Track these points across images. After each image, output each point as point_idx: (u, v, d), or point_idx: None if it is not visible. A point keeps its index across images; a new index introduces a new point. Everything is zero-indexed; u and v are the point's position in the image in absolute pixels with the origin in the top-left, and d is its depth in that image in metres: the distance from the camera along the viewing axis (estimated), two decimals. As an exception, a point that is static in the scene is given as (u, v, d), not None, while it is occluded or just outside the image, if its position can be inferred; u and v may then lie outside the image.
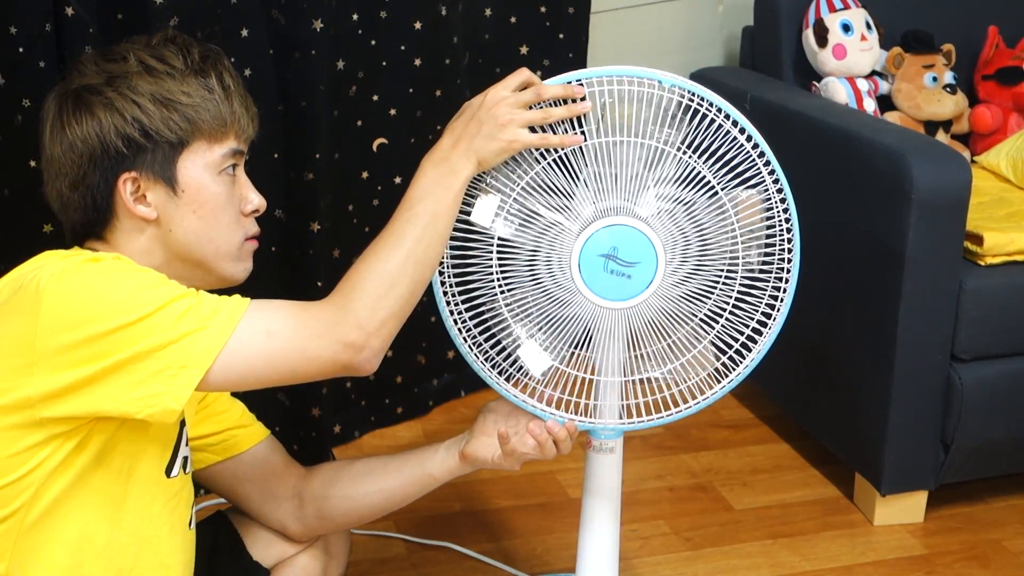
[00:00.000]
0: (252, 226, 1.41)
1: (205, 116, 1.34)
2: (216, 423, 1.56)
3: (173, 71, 1.33)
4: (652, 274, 1.48)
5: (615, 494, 1.68)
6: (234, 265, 1.39)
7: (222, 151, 1.36)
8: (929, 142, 2.16)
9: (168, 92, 1.32)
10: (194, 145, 1.34)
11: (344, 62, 2.23)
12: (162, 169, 1.33)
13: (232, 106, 1.36)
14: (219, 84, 1.36)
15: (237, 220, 1.38)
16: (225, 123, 1.36)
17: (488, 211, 1.46)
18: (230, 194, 1.37)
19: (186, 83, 1.34)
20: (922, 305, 2.04)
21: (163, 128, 1.32)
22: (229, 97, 1.36)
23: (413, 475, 1.59)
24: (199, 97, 1.34)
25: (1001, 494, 2.31)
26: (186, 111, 1.33)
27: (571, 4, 2.59)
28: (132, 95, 1.32)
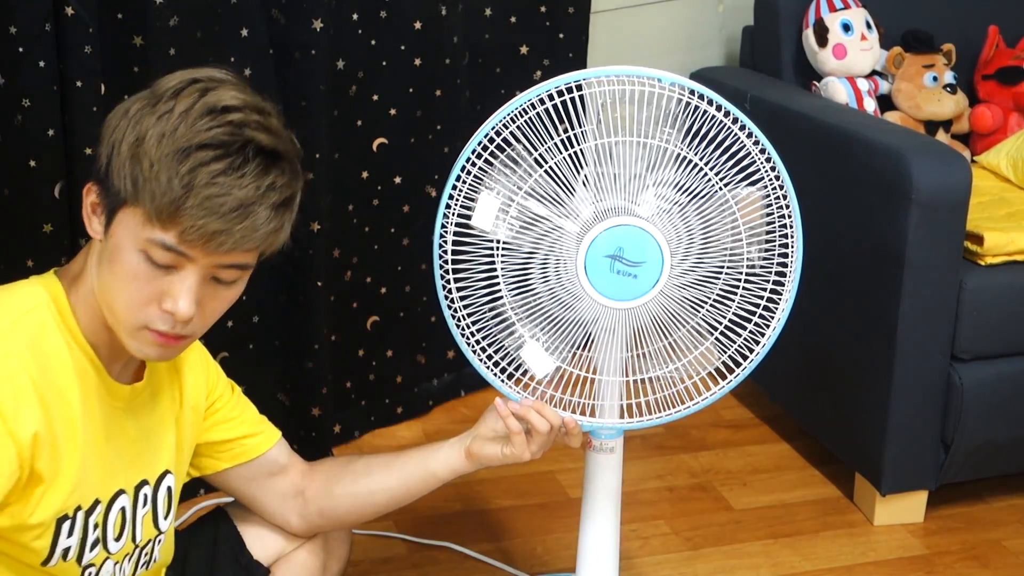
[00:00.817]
0: (160, 321, 1.25)
1: (147, 196, 1.20)
2: (227, 430, 1.53)
3: (170, 134, 1.21)
4: (658, 274, 1.48)
5: (615, 494, 1.68)
6: (126, 338, 1.27)
7: (150, 236, 1.21)
8: (929, 142, 2.16)
9: (144, 147, 1.21)
10: (133, 208, 1.22)
11: (344, 62, 2.23)
12: (108, 204, 1.25)
13: (183, 213, 1.20)
14: (182, 179, 1.19)
15: (144, 303, 1.24)
16: (164, 219, 1.20)
17: (488, 214, 1.46)
18: (145, 277, 1.23)
19: (161, 155, 1.20)
20: (922, 305, 2.04)
21: (116, 174, 1.23)
22: (185, 200, 1.19)
23: (416, 474, 1.58)
24: (156, 173, 1.20)
25: (1001, 494, 2.31)
26: (138, 176, 1.21)
27: (571, 4, 2.59)
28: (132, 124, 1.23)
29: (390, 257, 2.46)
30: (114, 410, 1.34)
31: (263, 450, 1.55)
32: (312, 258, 2.24)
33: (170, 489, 1.44)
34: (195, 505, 2.15)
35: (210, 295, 1.27)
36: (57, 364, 1.26)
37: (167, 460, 1.44)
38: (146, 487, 1.40)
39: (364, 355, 2.49)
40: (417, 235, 2.47)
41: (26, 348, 1.24)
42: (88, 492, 1.32)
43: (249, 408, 1.58)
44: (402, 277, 2.49)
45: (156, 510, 1.42)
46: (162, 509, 1.43)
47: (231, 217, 1.21)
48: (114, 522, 1.36)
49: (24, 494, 1.24)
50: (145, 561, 1.43)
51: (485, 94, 2.49)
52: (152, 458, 1.41)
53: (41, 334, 1.26)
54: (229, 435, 1.53)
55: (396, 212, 2.44)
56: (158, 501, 1.43)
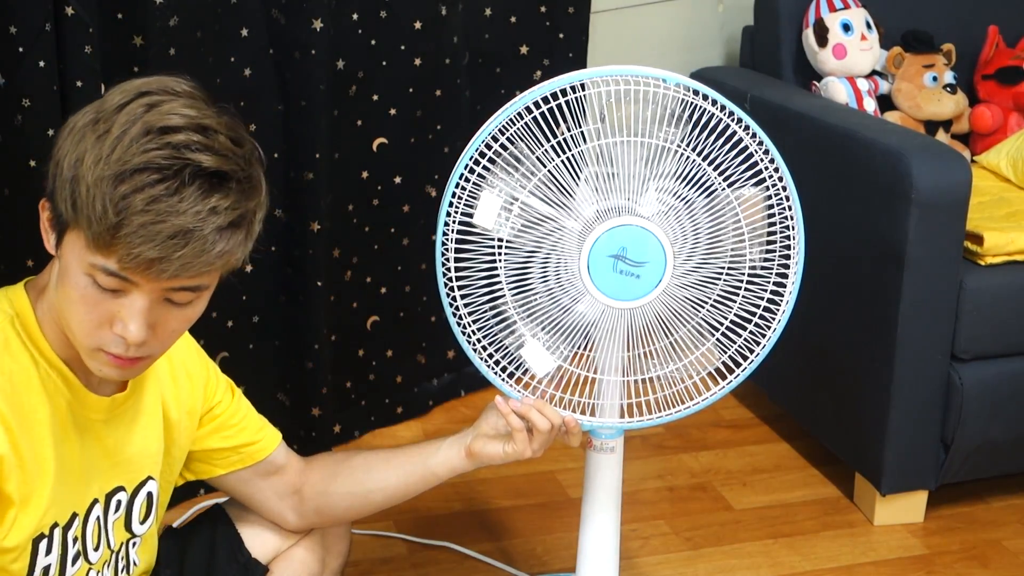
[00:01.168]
0: (113, 344, 1.21)
1: (83, 221, 1.15)
2: (228, 438, 1.52)
3: (108, 155, 1.15)
4: (660, 274, 1.48)
5: (615, 494, 1.68)
6: (88, 360, 1.24)
7: (93, 261, 1.17)
8: (929, 142, 2.16)
9: (83, 169, 1.15)
10: (79, 233, 1.17)
11: (344, 62, 2.23)
12: (58, 223, 1.21)
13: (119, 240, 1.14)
14: (116, 205, 1.14)
15: (95, 327, 1.20)
16: (103, 245, 1.15)
17: (491, 213, 1.46)
18: (94, 299, 1.19)
19: (97, 178, 1.15)
20: (922, 305, 2.04)
21: (58, 192, 1.18)
22: (120, 228, 1.14)
23: (416, 473, 1.58)
24: (92, 198, 1.14)
25: (1001, 494, 2.31)
26: (77, 198, 1.15)
27: (571, 4, 2.59)
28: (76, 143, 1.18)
29: (390, 257, 2.46)
30: (91, 422, 1.32)
31: (262, 456, 1.54)
32: (312, 258, 2.24)
33: (151, 495, 1.43)
34: (194, 505, 2.15)
35: (164, 317, 1.23)
36: (22, 383, 1.23)
37: (151, 467, 1.42)
38: (120, 493, 1.39)
39: (364, 355, 2.49)
40: (417, 235, 2.47)
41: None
42: (65, 507, 1.30)
43: (250, 414, 1.56)
44: (402, 277, 2.49)
45: (131, 515, 1.41)
46: (138, 514, 1.42)
47: (170, 245, 1.15)
48: (92, 532, 1.35)
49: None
50: (123, 567, 1.42)
51: (485, 94, 2.49)
52: (134, 466, 1.39)
53: (4, 351, 1.23)
54: (228, 443, 1.52)
55: (396, 212, 2.44)
56: (134, 507, 1.41)
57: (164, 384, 1.43)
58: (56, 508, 1.28)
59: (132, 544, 1.43)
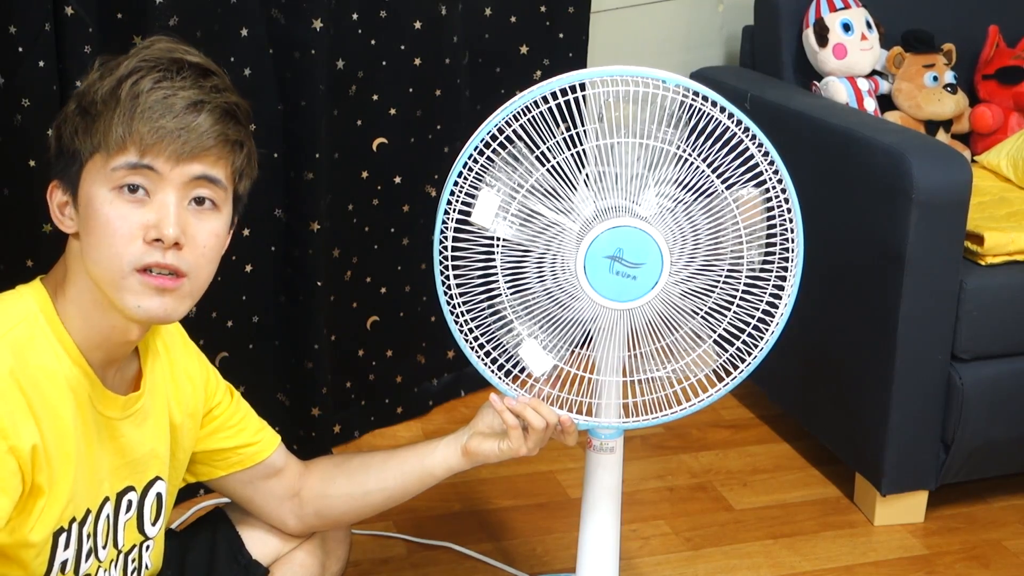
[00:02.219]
0: (144, 254, 1.23)
1: (101, 126, 1.23)
2: (226, 439, 1.52)
3: (104, 80, 1.25)
4: (657, 275, 1.48)
5: (615, 494, 1.68)
6: (121, 296, 1.24)
7: (114, 164, 1.23)
8: (929, 142, 2.16)
9: (86, 101, 1.25)
10: (95, 157, 1.24)
11: (344, 62, 2.23)
12: (70, 181, 1.26)
13: (133, 114, 1.22)
14: (129, 94, 1.22)
15: (127, 242, 1.23)
16: (121, 137, 1.22)
17: (489, 211, 1.45)
18: (122, 214, 1.23)
19: (103, 88, 1.24)
20: (922, 305, 2.04)
21: (69, 139, 1.25)
22: (135, 109, 1.22)
23: (413, 473, 1.58)
24: (103, 106, 1.23)
25: (1001, 494, 2.31)
26: (88, 122, 1.24)
27: (571, 4, 2.59)
28: (67, 104, 1.27)
29: (390, 257, 2.46)
30: (107, 420, 1.32)
31: (261, 458, 1.54)
32: (312, 258, 2.24)
33: (160, 496, 1.43)
34: (194, 506, 2.15)
35: (192, 221, 1.26)
36: (46, 378, 1.24)
37: (159, 467, 1.42)
38: (131, 493, 1.39)
39: (364, 355, 2.49)
40: (417, 235, 2.47)
41: (14, 363, 1.22)
42: (81, 503, 1.31)
43: (249, 415, 1.56)
44: (402, 277, 2.49)
45: (142, 516, 1.41)
46: (149, 515, 1.42)
47: (186, 115, 1.23)
48: (102, 530, 1.35)
49: (25, 507, 1.24)
50: (135, 568, 1.42)
51: (485, 94, 2.49)
52: (142, 466, 1.40)
53: (29, 348, 1.24)
54: (227, 444, 1.52)
55: (396, 212, 2.44)
56: (144, 507, 1.41)
57: (168, 388, 1.44)
58: (75, 503, 1.29)
59: (145, 547, 1.43)
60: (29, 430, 1.21)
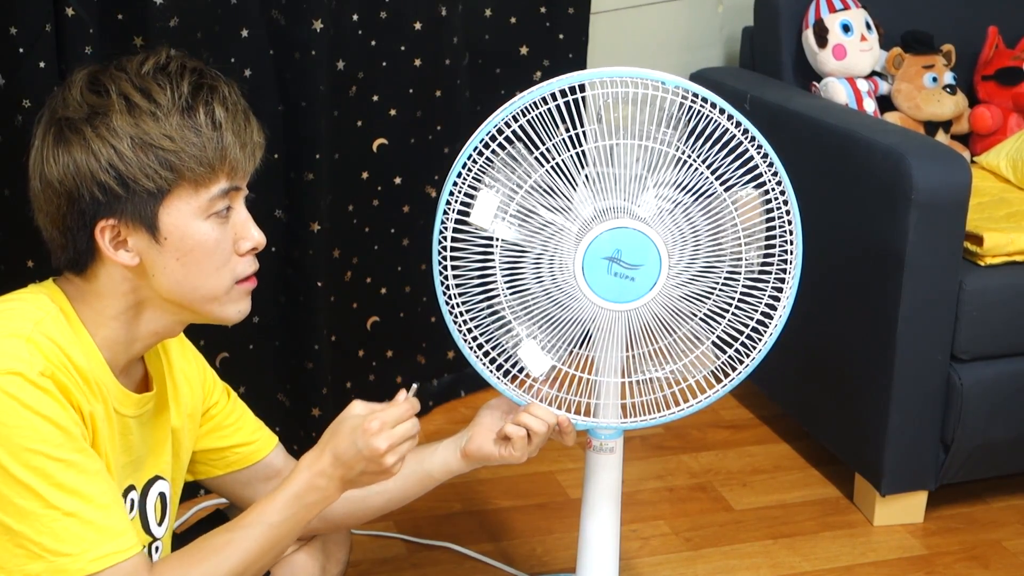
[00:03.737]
0: (247, 266, 1.32)
1: (189, 162, 1.24)
2: (223, 438, 1.53)
3: (157, 109, 1.23)
4: (656, 276, 1.48)
5: (615, 494, 1.68)
6: (223, 308, 1.32)
7: (210, 195, 1.26)
8: (929, 142, 2.16)
9: (148, 135, 1.23)
10: (177, 191, 1.25)
11: (344, 62, 2.23)
12: (142, 217, 1.25)
13: (222, 144, 1.25)
14: (208, 122, 1.25)
15: (226, 263, 1.29)
16: (213, 166, 1.25)
17: (487, 212, 1.46)
18: (220, 237, 1.28)
19: (170, 123, 1.23)
20: (922, 305, 2.04)
21: (140, 176, 1.23)
22: (220, 135, 1.25)
23: (414, 475, 1.58)
24: (183, 141, 1.23)
25: (1001, 494, 2.31)
26: (167, 157, 1.23)
27: (571, 4, 2.59)
28: (110, 137, 1.23)
29: (390, 257, 2.47)
30: (123, 418, 1.33)
31: (259, 458, 1.55)
32: (312, 258, 2.24)
33: (163, 495, 1.43)
34: (194, 507, 2.15)
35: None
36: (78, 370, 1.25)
37: (160, 466, 1.43)
38: (132, 492, 1.39)
39: (364, 355, 2.49)
40: (417, 235, 2.47)
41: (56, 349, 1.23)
42: None
43: (246, 415, 1.56)
44: (402, 277, 2.49)
45: (146, 516, 1.41)
46: (153, 515, 1.42)
47: (248, 126, 1.30)
48: None
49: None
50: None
51: (485, 94, 2.49)
52: (144, 465, 1.40)
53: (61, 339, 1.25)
54: (225, 443, 1.53)
55: (396, 212, 2.44)
56: (147, 507, 1.41)
57: (168, 388, 1.44)
58: None
59: (155, 548, 1.43)
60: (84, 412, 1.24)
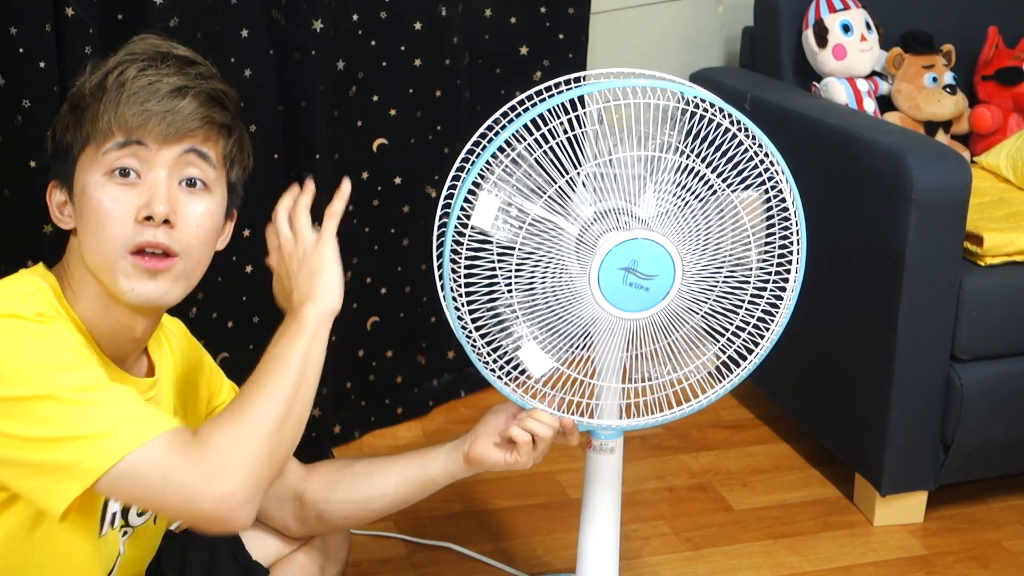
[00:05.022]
0: (138, 233, 1.24)
1: (90, 115, 1.26)
2: None
3: (94, 71, 1.28)
4: (669, 286, 1.48)
5: (615, 494, 1.68)
6: (116, 281, 1.25)
7: (105, 150, 1.25)
8: (929, 142, 2.16)
9: (76, 97, 1.28)
10: (88, 150, 1.26)
11: (344, 62, 2.23)
12: (65, 176, 1.29)
13: (119, 99, 1.24)
14: (116, 81, 1.25)
15: (121, 223, 1.24)
16: (108, 120, 1.24)
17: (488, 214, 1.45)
18: (118, 197, 1.24)
19: (92, 86, 1.27)
20: (922, 305, 2.04)
21: (62, 136, 1.28)
22: (121, 95, 1.24)
23: (415, 479, 1.58)
24: (92, 98, 1.26)
25: (1001, 494, 2.31)
26: (79, 115, 1.27)
27: (571, 4, 2.59)
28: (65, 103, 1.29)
29: (390, 257, 2.46)
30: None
31: None
32: (312, 258, 2.24)
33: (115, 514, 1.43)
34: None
35: (184, 200, 1.27)
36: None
37: None
38: None
39: (364, 355, 2.49)
40: (417, 235, 2.47)
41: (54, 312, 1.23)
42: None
43: None
44: (402, 277, 2.49)
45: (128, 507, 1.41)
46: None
47: (172, 99, 1.25)
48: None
49: None
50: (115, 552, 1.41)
51: (485, 95, 2.49)
52: None
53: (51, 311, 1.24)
54: None
55: (396, 212, 2.44)
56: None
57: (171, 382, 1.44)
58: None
59: (123, 533, 1.43)
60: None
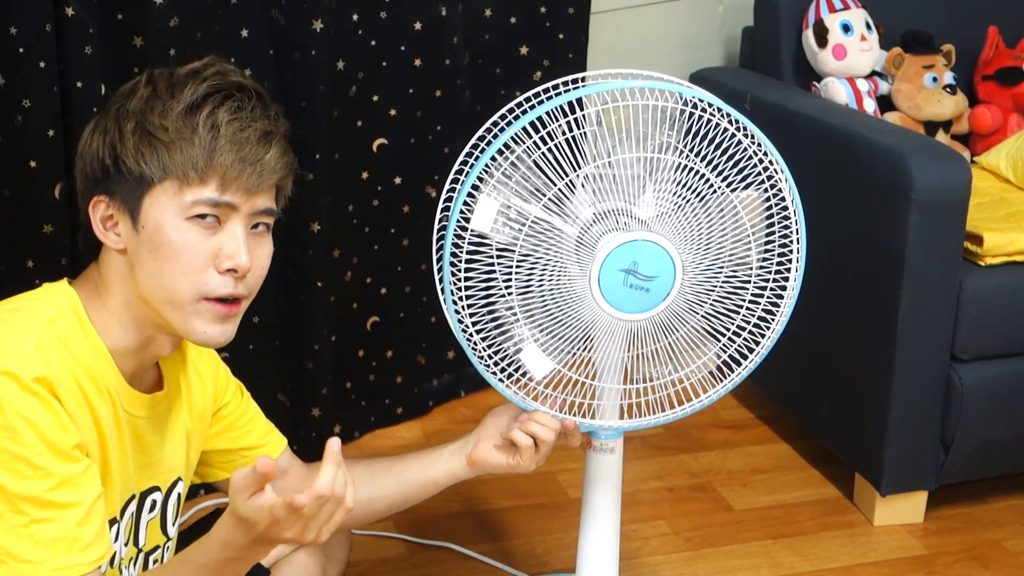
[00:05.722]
0: (220, 284, 1.27)
1: (178, 158, 1.24)
2: (235, 439, 1.53)
3: (170, 103, 1.25)
4: (670, 287, 1.48)
5: (615, 494, 1.68)
6: (187, 320, 1.27)
7: (193, 198, 1.25)
8: (929, 142, 2.16)
9: (149, 123, 1.25)
10: (164, 184, 1.25)
11: (344, 62, 2.23)
12: (128, 201, 1.26)
13: (214, 150, 1.24)
14: (207, 124, 1.24)
15: (197, 272, 1.26)
16: (200, 171, 1.24)
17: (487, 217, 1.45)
18: (196, 243, 1.25)
19: (172, 117, 1.24)
20: (922, 305, 2.04)
21: (132, 161, 1.25)
22: (215, 142, 1.24)
23: (417, 481, 1.59)
24: (177, 136, 1.24)
25: (1001, 494, 2.31)
26: (158, 148, 1.24)
27: (571, 4, 2.59)
28: (120, 121, 1.26)
29: (390, 257, 2.46)
30: (133, 419, 1.33)
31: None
32: (312, 258, 2.24)
33: (180, 496, 1.44)
34: (194, 506, 2.15)
35: (255, 249, 1.30)
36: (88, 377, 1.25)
37: (179, 468, 1.43)
38: (156, 493, 1.40)
39: (364, 355, 2.49)
40: (417, 235, 2.47)
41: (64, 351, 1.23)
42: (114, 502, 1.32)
43: (258, 416, 1.57)
44: (402, 277, 2.49)
45: (165, 516, 1.42)
46: (172, 516, 1.43)
47: (259, 148, 1.26)
48: (125, 528, 1.36)
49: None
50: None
51: (485, 95, 2.49)
52: (165, 466, 1.41)
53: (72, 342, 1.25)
54: (236, 445, 1.53)
55: (396, 212, 2.44)
56: (168, 508, 1.42)
57: (184, 387, 1.44)
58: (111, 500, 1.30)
59: (167, 548, 1.44)
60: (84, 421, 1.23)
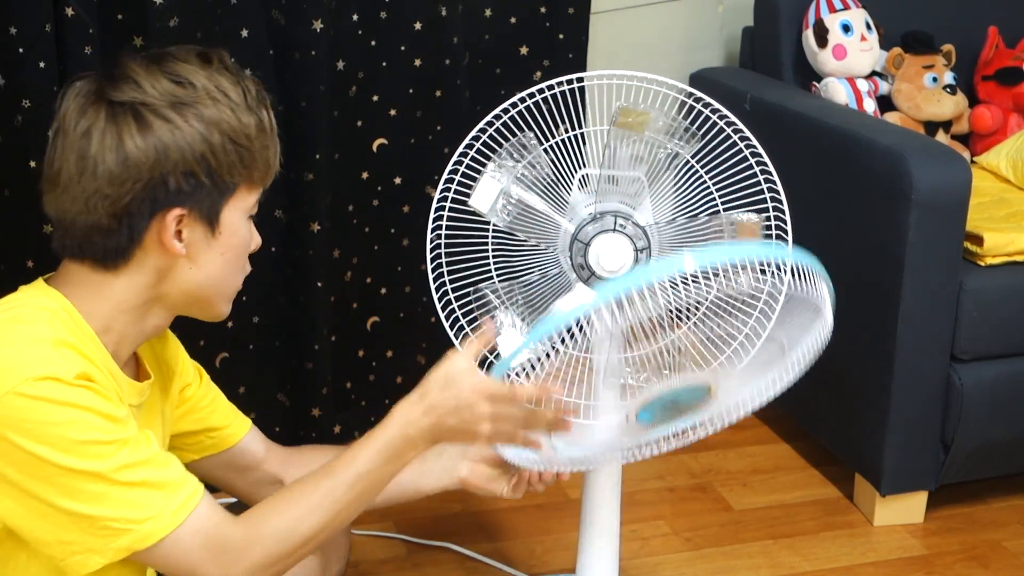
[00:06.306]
0: (248, 266, 1.39)
1: (259, 162, 1.30)
2: (198, 421, 1.53)
3: (234, 105, 1.26)
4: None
5: (615, 494, 1.68)
6: (227, 305, 1.38)
7: (256, 198, 1.34)
8: (929, 142, 2.16)
9: (242, 134, 1.27)
10: (242, 188, 1.30)
11: (344, 62, 2.23)
12: (209, 209, 1.28)
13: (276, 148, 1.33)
14: (271, 125, 1.31)
15: (246, 263, 1.37)
16: (270, 168, 1.33)
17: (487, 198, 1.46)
18: (251, 238, 1.36)
19: (247, 122, 1.27)
20: (922, 305, 2.04)
21: (225, 170, 1.27)
22: (275, 139, 1.32)
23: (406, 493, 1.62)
24: (258, 141, 1.29)
25: (1001, 494, 2.31)
26: (244, 154, 1.28)
27: (571, 4, 2.59)
28: (201, 127, 1.24)
29: (390, 257, 2.46)
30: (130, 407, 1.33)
31: (233, 442, 1.56)
32: (312, 258, 2.24)
33: None
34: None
35: None
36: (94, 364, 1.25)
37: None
38: None
39: (364, 356, 2.49)
40: (417, 235, 2.46)
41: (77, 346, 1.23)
42: None
43: (219, 397, 1.57)
44: (402, 277, 2.49)
45: None
46: None
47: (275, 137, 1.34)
48: None
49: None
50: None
51: (485, 95, 2.49)
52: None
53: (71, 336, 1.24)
54: (199, 426, 1.53)
55: (396, 212, 2.44)
56: None
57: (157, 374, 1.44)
58: None
59: None
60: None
